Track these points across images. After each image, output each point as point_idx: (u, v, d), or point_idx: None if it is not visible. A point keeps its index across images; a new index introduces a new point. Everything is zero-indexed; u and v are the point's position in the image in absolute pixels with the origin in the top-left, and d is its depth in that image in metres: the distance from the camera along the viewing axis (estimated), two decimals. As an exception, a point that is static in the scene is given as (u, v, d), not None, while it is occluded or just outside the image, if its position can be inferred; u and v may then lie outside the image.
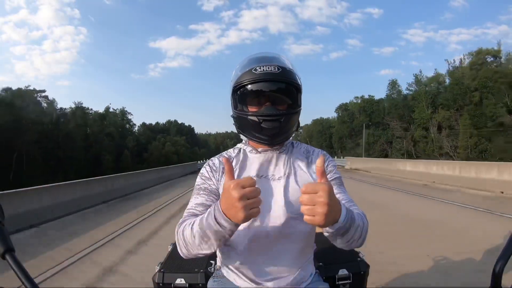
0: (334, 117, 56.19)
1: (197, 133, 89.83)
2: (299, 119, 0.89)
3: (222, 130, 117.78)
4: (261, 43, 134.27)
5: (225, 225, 0.66)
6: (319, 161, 0.65)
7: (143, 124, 61.25)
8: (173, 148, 51.52)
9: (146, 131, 57.60)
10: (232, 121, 0.89)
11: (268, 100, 0.81)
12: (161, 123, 69.85)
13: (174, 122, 73.40)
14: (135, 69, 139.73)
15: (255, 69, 0.80)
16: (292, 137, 0.91)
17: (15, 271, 0.48)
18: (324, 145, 53.98)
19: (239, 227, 0.72)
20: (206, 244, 0.70)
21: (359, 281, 1.12)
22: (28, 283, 0.48)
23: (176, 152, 51.08)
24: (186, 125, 77.37)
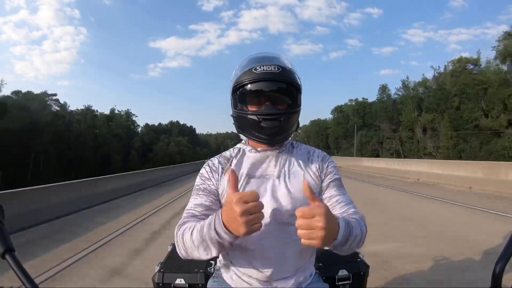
0: (330, 118, 58.79)
1: (198, 133, 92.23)
2: (299, 119, 0.88)
3: (223, 130, 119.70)
4: (261, 43, 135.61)
5: (225, 237, 0.66)
6: (305, 185, 0.63)
7: (146, 125, 63.76)
8: (176, 148, 54.00)
9: (149, 131, 60.00)
10: (232, 121, 0.89)
11: (268, 100, 0.81)
12: (163, 124, 72.32)
13: (176, 123, 75.85)
14: (135, 69, 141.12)
15: (255, 68, 0.80)
16: (291, 137, 0.91)
17: (15, 271, 0.48)
18: (321, 145, 56.31)
19: None
20: (205, 251, 0.71)
21: (359, 281, 1.11)
22: (28, 283, 0.48)
23: (179, 152, 53.57)
24: (188, 126, 79.93)
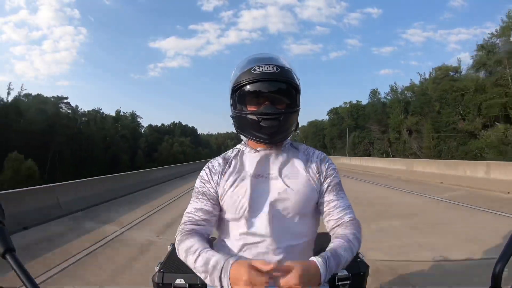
0: (326, 119, 61.44)
1: (199, 133, 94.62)
2: (298, 119, 0.88)
3: (223, 130, 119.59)
4: (261, 43, 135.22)
5: (226, 287, 0.68)
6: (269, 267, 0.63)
7: (149, 126, 66.53)
8: (180, 149, 56.73)
9: (153, 132, 62.73)
10: (232, 121, 0.90)
11: (267, 100, 0.82)
12: (166, 124, 75.06)
13: (179, 124, 78.58)
14: (134, 69, 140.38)
15: (254, 69, 0.81)
16: (290, 137, 0.91)
17: (15, 271, 0.48)
18: (318, 145, 58.98)
19: (237, 228, 0.82)
20: (204, 279, 0.72)
21: (359, 281, 1.12)
22: (29, 283, 0.48)
23: (182, 152, 56.28)
24: (190, 127, 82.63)
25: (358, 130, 45.49)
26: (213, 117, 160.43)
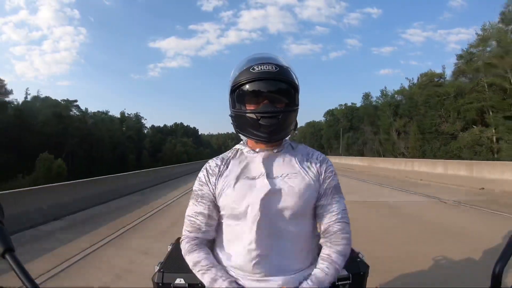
0: (323, 120, 64.13)
1: (200, 134, 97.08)
2: (297, 119, 0.89)
3: (224, 131, 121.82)
4: (261, 43, 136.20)
5: None
6: None
7: (152, 127, 69.06)
8: (183, 149, 59.23)
9: (156, 133, 65.22)
10: (230, 120, 0.90)
11: (266, 99, 0.82)
12: (168, 125, 77.62)
13: (180, 125, 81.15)
14: (134, 69, 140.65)
15: (253, 68, 0.81)
16: (289, 137, 0.91)
17: (15, 271, 0.48)
18: (315, 145, 61.64)
19: (234, 229, 0.84)
20: None
21: (359, 281, 1.13)
22: (28, 283, 0.48)
23: (185, 152, 58.80)
24: (191, 127, 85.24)
25: (352, 131, 48.11)
26: (214, 117, 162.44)
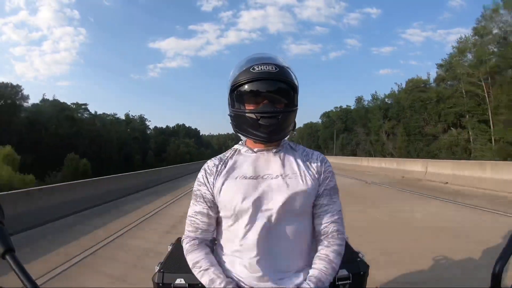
0: (320, 122, 66.94)
1: (201, 135, 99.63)
2: (295, 120, 0.89)
3: (224, 131, 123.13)
4: (260, 43, 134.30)
5: None
6: None
7: (155, 128, 71.77)
8: (186, 149, 62.00)
9: (159, 134, 67.95)
10: (230, 120, 0.90)
11: (265, 99, 0.82)
12: (170, 126, 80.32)
13: (182, 126, 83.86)
14: (134, 70, 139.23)
15: (252, 68, 0.81)
16: (288, 137, 0.92)
17: (15, 271, 0.48)
18: (313, 145, 64.44)
19: (232, 228, 0.85)
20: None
21: (359, 281, 1.12)
22: (29, 283, 0.48)
23: (188, 152, 61.55)
24: (193, 129, 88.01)
25: (347, 132, 50.84)
26: (214, 117, 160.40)
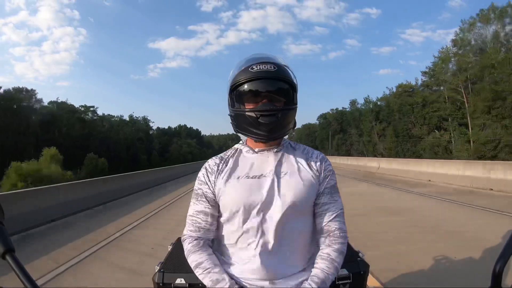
0: (317, 123, 69.65)
1: (202, 135, 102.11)
2: (295, 118, 0.89)
3: (224, 132, 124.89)
4: (260, 44, 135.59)
5: None
6: None
7: (157, 129, 74.38)
8: (188, 149, 64.71)
9: (162, 135, 70.57)
10: (230, 120, 0.90)
11: (264, 98, 0.82)
12: (172, 127, 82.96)
13: (184, 126, 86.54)
14: (134, 70, 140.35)
15: (251, 67, 0.82)
16: (288, 137, 0.94)
17: (15, 271, 0.48)
18: (310, 146, 64.94)
19: (233, 227, 0.84)
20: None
21: (359, 281, 1.13)
22: (29, 284, 0.48)
23: (190, 152, 64.26)
24: (195, 129, 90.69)
25: (342, 133, 53.54)
26: (214, 118, 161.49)
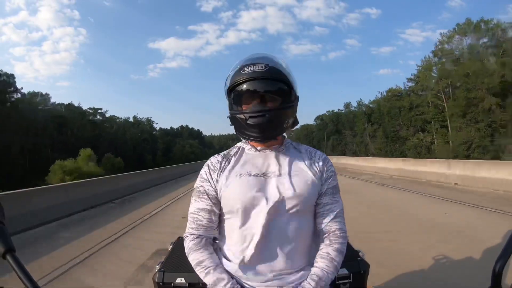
0: (314, 124, 72.53)
1: (203, 135, 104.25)
2: (296, 115, 0.89)
3: (225, 132, 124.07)
4: (260, 44, 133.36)
5: None
6: None
7: (160, 129, 77.02)
8: (190, 149, 67.52)
9: (165, 135, 73.28)
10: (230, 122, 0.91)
11: (258, 99, 0.82)
12: (174, 127, 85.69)
13: (186, 127, 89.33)
14: (134, 70, 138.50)
15: (243, 69, 0.82)
16: (287, 135, 0.93)
17: (15, 271, 0.48)
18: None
19: (234, 226, 0.84)
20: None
21: (359, 280, 1.13)
22: (29, 283, 0.48)
23: (192, 152, 67.07)
24: (196, 130, 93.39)
25: (337, 134, 56.36)
26: (214, 118, 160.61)
